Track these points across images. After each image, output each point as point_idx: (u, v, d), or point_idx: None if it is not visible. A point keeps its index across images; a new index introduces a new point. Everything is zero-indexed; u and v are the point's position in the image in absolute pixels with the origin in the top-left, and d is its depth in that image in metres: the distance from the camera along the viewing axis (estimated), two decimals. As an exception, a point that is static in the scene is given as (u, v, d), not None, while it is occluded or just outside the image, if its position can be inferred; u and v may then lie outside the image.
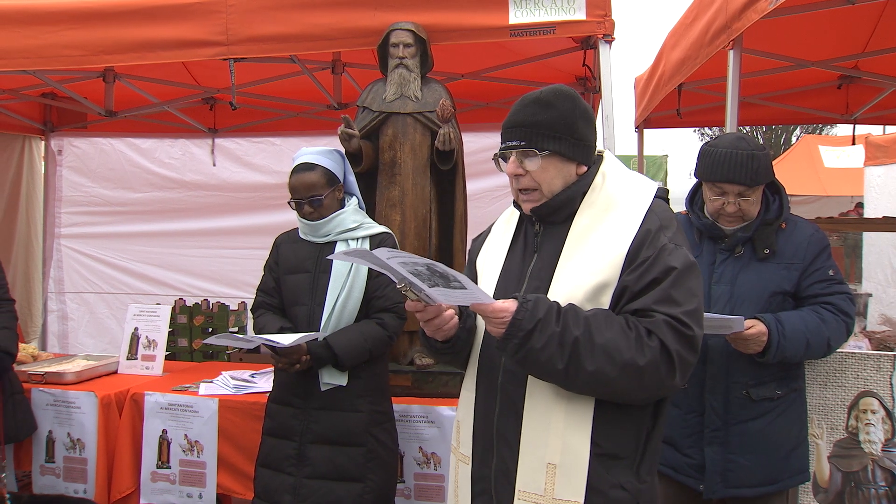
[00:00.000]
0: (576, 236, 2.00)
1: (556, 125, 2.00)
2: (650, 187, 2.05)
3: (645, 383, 1.85)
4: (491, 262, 2.19)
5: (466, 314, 2.10)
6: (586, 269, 1.93)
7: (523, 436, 1.95)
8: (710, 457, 2.82)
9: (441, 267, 1.77)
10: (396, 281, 1.83)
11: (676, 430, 2.88)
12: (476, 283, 2.15)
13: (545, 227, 2.08)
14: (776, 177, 2.89)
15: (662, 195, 2.07)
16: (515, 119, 2.04)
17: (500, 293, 2.04)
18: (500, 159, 2.09)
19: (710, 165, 2.77)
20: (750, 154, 2.71)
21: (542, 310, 1.84)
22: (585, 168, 2.07)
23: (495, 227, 2.29)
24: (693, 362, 1.90)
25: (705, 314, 2.62)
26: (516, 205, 2.15)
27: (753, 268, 2.84)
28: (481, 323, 2.09)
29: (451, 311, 1.99)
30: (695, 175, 2.90)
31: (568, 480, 1.89)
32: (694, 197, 3.00)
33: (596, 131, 2.12)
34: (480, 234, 2.38)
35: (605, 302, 1.91)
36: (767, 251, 2.82)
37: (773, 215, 2.85)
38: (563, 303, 1.89)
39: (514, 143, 2.02)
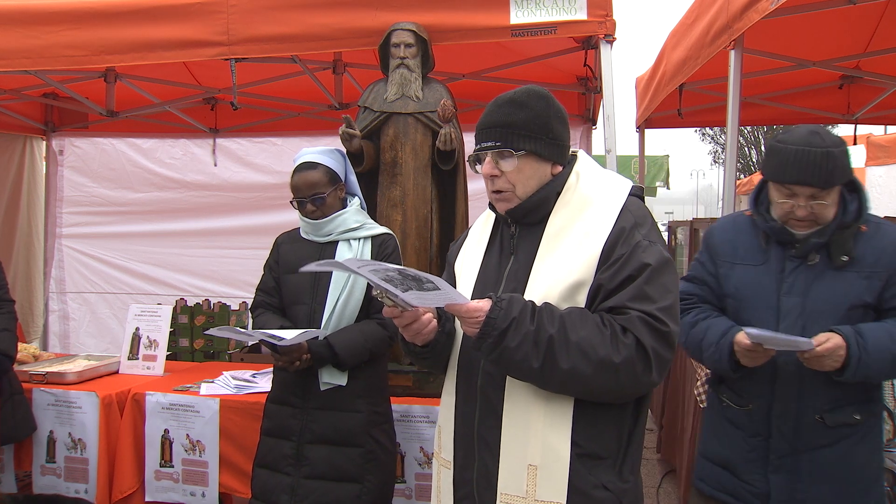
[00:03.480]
0: (551, 236, 1.99)
1: (531, 125, 1.99)
2: (624, 185, 2.05)
3: (621, 381, 1.83)
4: (468, 265, 2.18)
5: (445, 318, 2.09)
6: (561, 268, 1.93)
7: (503, 438, 1.94)
8: (777, 485, 2.52)
9: (412, 271, 1.76)
10: (373, 288, 1.81)
11: (737, 453, 2.62)
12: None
13: (521, 228, 2.07)
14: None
15: (637, 193, 2.06)
16: (490, 120, 2.03)
17: (478, 295, 2.03)
18: (476, 162, 2.07)
19: (777, 165, 2.45)
20: (825, 152, 2.37)
21: (517, 309, 1.83)
22: (560, 168, 2.06)
23: (472, 230, 2.28)
24: (670, 359, 1.88)
25: (770, 333, 2.43)
26: (492, 206, 2.14)
27: (829, 277, 2.49)
28: (460, 326, 2.07)
29: (429, 315, 1.98)
30: (762, 173, 2.59)
31: (549, 481, 1.88)
32: (759, 196, 2.64)
33: (569, 131, 2.10)
34: (456, 239, 2.37)
35: (581, 301, 1.90)
36: (846, 258, 2.47)
37: (852, 217, 2.49)
38: (539, 302, 1.88)
39: (490, 143, 2.01)
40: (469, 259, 2.19)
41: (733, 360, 2.58)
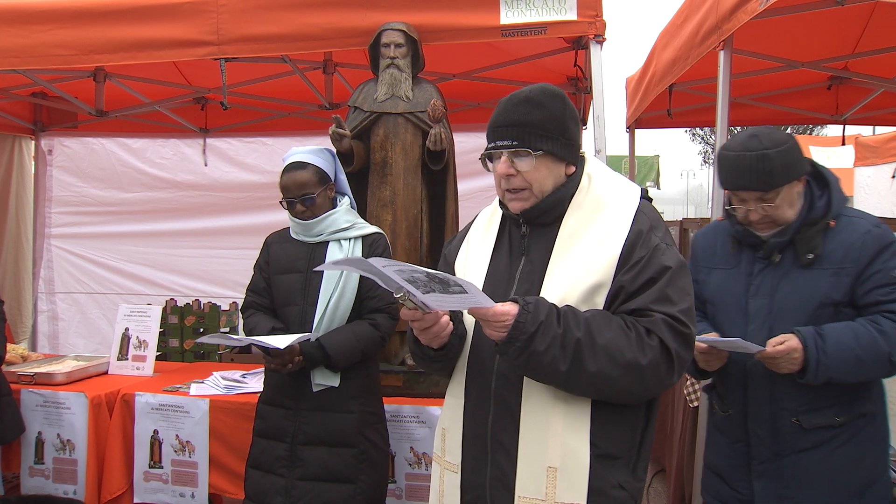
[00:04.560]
0: (565, 238, 1.98)
1: (549, 125, 1.98)
2: (635, 189, 2.05)
3: (645, 383, 1.85)
4: (474, 265, 2.14)
5: (457, 320, 2.06)
6: (579, 270, 1.92)
7: (521, 441, 1.92)
8: (761, 492, 2.51)
9: (441, 274, 1.72)
10: (393, 290, 1.78)
11: (724, 460, 2.64)
12: None
13: (532, 228, 2.05)
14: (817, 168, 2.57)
15: (646, 197, 2.07)
16: (506, 118, 2.00)
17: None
18: (487, 160, 2.05)
19: (723, 172, 2.50)
20: (760, 155, 2.37)
21: (543, 312, 1.82)
22: (573, 168, 2.05)
23: (473, 229, 2.25)
24: (689, 360, 1.91)
25: (712, 339, 2.48)
26: (502, 205, 2.12)
27: (795, 276, 2.47)
28: (470, 328, 2.07)
29: (446, 318, 1.96)
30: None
31: (569, 483, 1.87)
32: (730, 202, 2.63)
33: (581, 131, 2.11)
34: (452, 238, 2.34)
35: (600, 303, 1.90)
36: (811, 256, 2.44)
37: (819, 213, 2.47)
38: (557, 304, 1.87)
39: (506, 142, 1.99)
40: (475, 259, 2.16)
41: (694, 363, 2.61)
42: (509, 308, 1.83)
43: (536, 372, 1.87)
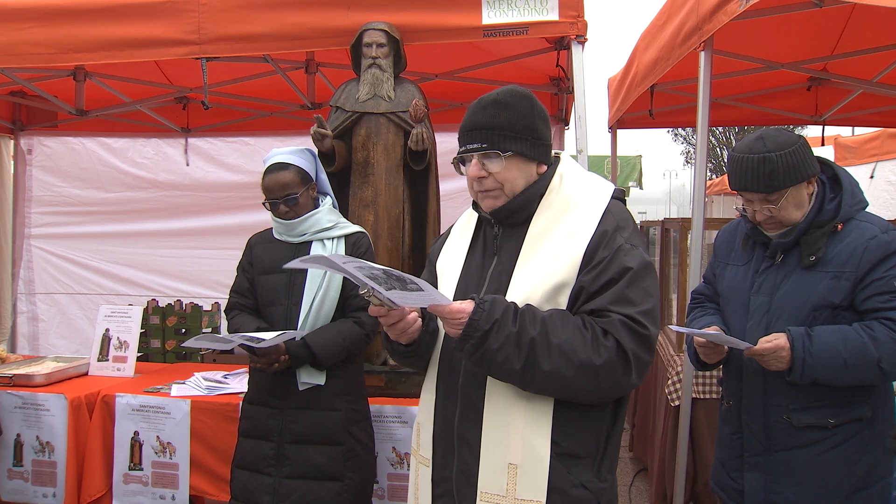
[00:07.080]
0: (533, 238, 2.01)
1: (517, 126, 2.00)
2: (607, 188, 2.07)
3: (601, 383, 1.86)
4: (451, 264, 2.19)
5: (429, 317, 2.09)
6: (544, 270, 1.95)
7: (484, 437, 1.95)
8: (750, 483, 2.56)
9: (396, 272, 1.77)
10: (360, 287, 1.81)
11: (724, 450, 2.70)
12: (436, 287, 2.16)
13: (504, 228, 2.08)
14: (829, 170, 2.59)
15: (619, 196, 2.09)
16: (474, 122, 2.03)
17: (460, 296, 2.04)
18: (459, 163, 2.08)
19: (729, 173, 2.53)
20: (761, 158, 2.41)
21: (499, 310, 1.85)
22: (545, 167, 2.08)
23: (454, 229, 2.29)
24: (649, 362, 1.92)
25: (691, 330, 2.54)
26: (475, 206, 2.15)
27: (796, 277, 2.50)
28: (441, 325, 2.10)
29: (414, 315, 1.98)
30: None
31: (529, 480, 1.90)
32: None
33: (550, 130, 2.12)
34: (438, 237, 2.38)
35: (563, 302, 1.92)
36: (813, 258, 2.46)
37: (827, 216, 2.49)
38: (520, 304, 1.90)
39: (476, 145, 2.01)
40: (452, 258, 2.20)
41: (696, 355, 2.69)
42: (465, 306, 1.86)
43: (492, 369, 1.91)
